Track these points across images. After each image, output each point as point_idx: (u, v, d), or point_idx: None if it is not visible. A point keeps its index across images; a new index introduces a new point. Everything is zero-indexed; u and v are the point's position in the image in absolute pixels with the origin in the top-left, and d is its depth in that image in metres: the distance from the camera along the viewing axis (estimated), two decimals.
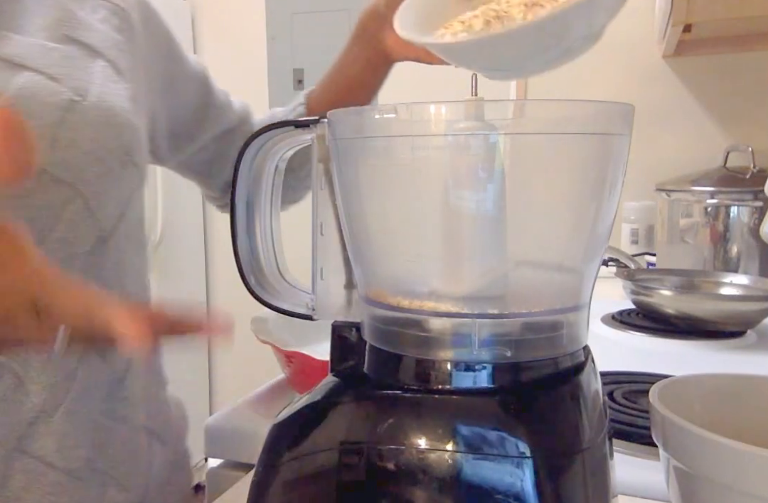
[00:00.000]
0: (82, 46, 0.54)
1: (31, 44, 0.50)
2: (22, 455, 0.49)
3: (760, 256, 1.33)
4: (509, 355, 0.36)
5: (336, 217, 0.43)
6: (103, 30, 0.57)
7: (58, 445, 0.50)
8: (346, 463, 0.35)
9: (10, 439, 0.48)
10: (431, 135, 0.36)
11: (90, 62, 0.54)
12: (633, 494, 0.53)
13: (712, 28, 1.44)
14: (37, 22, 0.52)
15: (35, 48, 0.50)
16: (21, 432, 0.49)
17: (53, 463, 0.50)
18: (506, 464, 0.33)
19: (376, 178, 0.40)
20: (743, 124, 1.68)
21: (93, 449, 0.53)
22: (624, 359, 0.91)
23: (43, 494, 0.50)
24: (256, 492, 0.38)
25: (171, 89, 0.69)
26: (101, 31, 0.57)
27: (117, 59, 0.57)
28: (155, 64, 0.66)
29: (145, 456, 0.59)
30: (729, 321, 0.99)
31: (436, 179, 0.38)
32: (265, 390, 0.85)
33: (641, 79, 1.73)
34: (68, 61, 0.52)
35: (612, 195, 0.38)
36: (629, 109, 0.38)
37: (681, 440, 0.39)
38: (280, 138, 0.45)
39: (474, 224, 0.38)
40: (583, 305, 0.39)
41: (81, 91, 0.51)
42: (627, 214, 1.63)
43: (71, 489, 0.51)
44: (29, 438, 0.49)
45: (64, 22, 0.54)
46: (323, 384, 0.40)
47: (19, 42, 0.50)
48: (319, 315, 0.45)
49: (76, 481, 0.51)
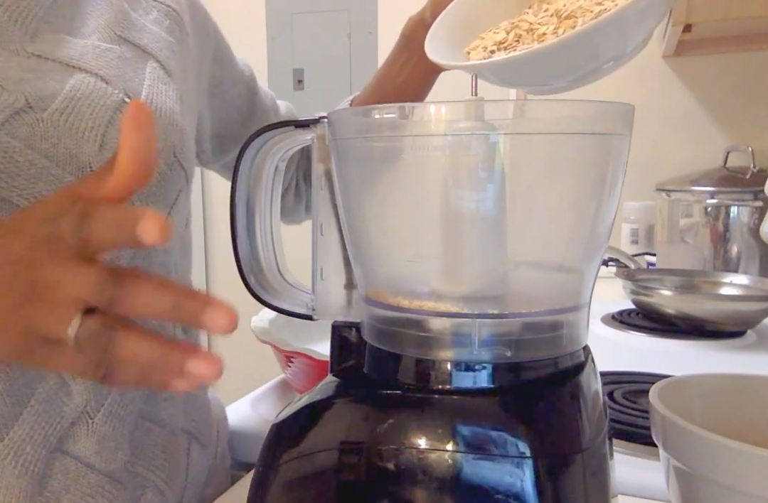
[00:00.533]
0: (134, 47, 0.54)
1: (85, 46, 0.51)
2: (63, 456, 0.49)
3: (760, 256, 1.33)
4: (509, 355, 0.36)
5: (336, 217, 0.43)
6: (155, 31, 0.57)
7: (99, 447, 0.50)
8: (346, 463, 0.35)
9: (51, 440, 0.48)
10: (431, 135, 0.36)
11: (142, 63, 0.54)
12: (633, 494, 0.53)
13: (712, 28, 1.44)
14: (91, 23, 0.53)
15: (89, 49, 0.51)
16: (62, 433, 0.49)
17: (93, 465, 0.50)
18: (506, 464, 0.33)
19: (376, 177, 0.40)
20: (743, 124, 1.68)
21: (132, 451, 0.53)
22: (624, 359, 0.91)
23: (83, 495, 0.49)
24: (256, 492, 0.38)
25: (218, 91, 0.70)
26: (153, 33, 0.57)
27: (167, 60, 0.57)
28: (203, 66, 0.66)
29: (184, 460, 0.59)
30: (729, 321, 0.99)
31: (436, 179, 0.38)
32: (265, 390, 0.85)
33: (641, 79, 1.73)
34: (120, 62, 0.52)
35: (612, 195, 0.38)
36: (629, 109, 0.38)
37: (681, 440, 0.39)
38: (280, 138, 0.45)
39: (474, 224, 0.38)
40: (583, 305, 0.39)
41: (131, 92, 0.51)
42: (627, 214, 1.63)
43: (110, 492, 0.51)
44: (70, 439, 0.49)
45: (117, 23, 0.54)
46: (323, 384, 0.40)
47: (75, 44, 0.50)
48: (319, 315, 0.45)
49: (115, 483, 0.51)
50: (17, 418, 0.47)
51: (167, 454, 0.57)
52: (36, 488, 0.47)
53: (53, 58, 0.48)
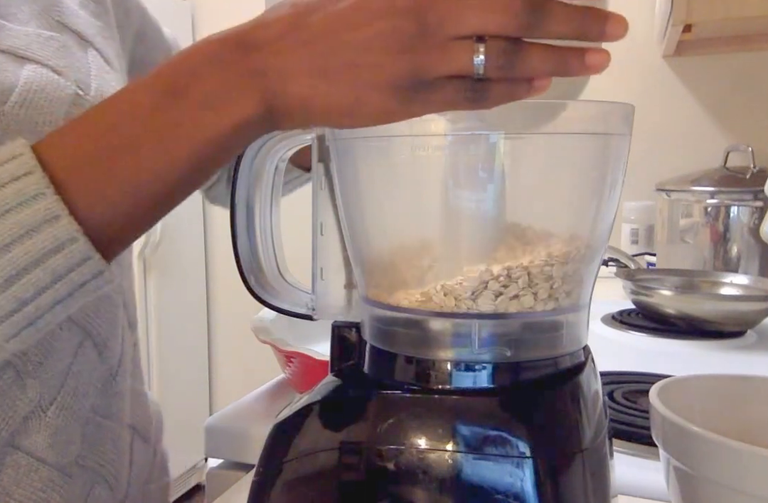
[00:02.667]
0: (73, 34, 0.53)
1: (28, 34, 0.50)
2: (14, 450, 0.49)
3: (760, 256, 1.33)
4: (509, 355, 0.36)
5: (336, 217, 0.43)
6: (84, 16, 0.56)
7: (51, 440, 0.50)
8: (346, 463, 0.35)
9: (3, 434, 0.48)
10: (431, 135, 0.36)
11: (83, 52, 0.53)
12: (633, 494, 0.53)
13: (712, 28, 1.44)
14: (26, 9, 0.51)
15: (33, 37, 0.50)
16: (15, 427, 0.48)
17: (45, 459, 0.50)
18: (506, 464, 0.33)
19: (376, 178, 0.40)
20: (743, 124, 1.68)
21: (83, 445, 0.53)
22: (624, 359, 0.91)
23: (34, 490, 0.49)
24: (256, 492, 0.38)
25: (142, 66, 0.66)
26: (84, 18, 0.56)
27: (104, 48, 0.56)
28: (129, 46, 0.64)
29: (128, 455, 0.59)
30: (729, 321, 0.99)
31: (436, 179, 0.38)
32: (265, 390, 0.85)
33: (641, 79, 1.73)
34: (65, 51, 0.51)
35: (612, 195, 0.38)
36: (629, 109, 0.38)
37: (681, 440, 0.39)
38: (280, 138, 0.45)
39: (474, 224, 0.38)
40: (583, 305, 0.39)
41: (83, 84, 0.51)
42: (627, 214, 1.63)
43: (60, 486, 0.51)
44: (23, 434, 0.49)
45: (53, 8, 0.53)
46: (323, 384, 0.40)
47: (18, 32, 0.49)
48: (319, 315, 0.45)
49: (66, 478, 0.51)
50: None
51: (116, 449, 0.57)
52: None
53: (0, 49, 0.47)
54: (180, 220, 2.20)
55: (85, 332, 0.52)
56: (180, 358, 2.29)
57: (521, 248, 0.37)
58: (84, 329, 0.52)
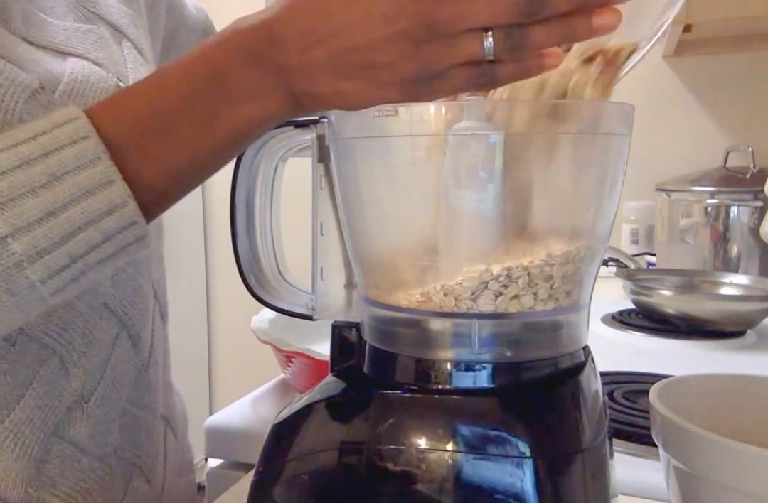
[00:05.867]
0: (107, 25, 0.54)
1: (66, 28, 0.50)
2: (60, 441, 0.49)
3: (760, 256, 1.33)
4: (509, 355, 0.36)
5: (336, 217, 0.43)
6: (115, 4, 0.57)
7: (92, 431, 0.51)
8: (346, 463, 0.35)
9: (49, 424, 0.48)
10: (431, 135, 0.36)
11: (118, 44, 0.54)
12: (633, 494, 0.53)
13: (712, 28, 1.44)
14: (61, 2, 0.52)
15: (71, 32, 0.51)
16: (60, 417, 0.49)
17: (86, 449, 0.50)
18: (506, 464, 0.33)
19: (376, 178, 0.40)
20: (743, 124, 1.68)
21: (121, 436, 0.54)
22: (624, 359, 0.91)
23: (77, 480, 0.50)
24: (256, 492, 0.38)
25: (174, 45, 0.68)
26: (115, 6, 0.56)
27: (137, 38, 0.57)
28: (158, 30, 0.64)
29: (162, 447, 0.60)
30: (729, 321, 0.99)
31: (436, 179, 0.38)
32: (265, 390, 0.85)
33: (641, 79, 1.73)
34: (103, 43, 0.52)
35: (612, 195, 0.38)
36: (629, 109, 0.38)
37: (681, 440, 0.39)
38: (280, 138, 0.45)
39: (474, 224, 0.38)
40: (583, 305, 0.39)
41: (122, 76, 0.52)
42: (627, 214, 1.63)
43: (102, 477, 0.52)
44: (66, 424, 0.49)
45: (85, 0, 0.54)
46: (323, 384, 0.40)
47: (57, 27, 0.50)
48: (319, 315, 0.45)
49: (106, 468, 0.52)
50: (19, 401, 0.47)
51: (150, 440, 0.57)
52: (33, 472, 0.47)
53: (43, 45, 0.48)
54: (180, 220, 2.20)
55: (121, 323, 0.53)
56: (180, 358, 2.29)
57: (521, 248, 0.37)
58: (120, 320, 0.53)
